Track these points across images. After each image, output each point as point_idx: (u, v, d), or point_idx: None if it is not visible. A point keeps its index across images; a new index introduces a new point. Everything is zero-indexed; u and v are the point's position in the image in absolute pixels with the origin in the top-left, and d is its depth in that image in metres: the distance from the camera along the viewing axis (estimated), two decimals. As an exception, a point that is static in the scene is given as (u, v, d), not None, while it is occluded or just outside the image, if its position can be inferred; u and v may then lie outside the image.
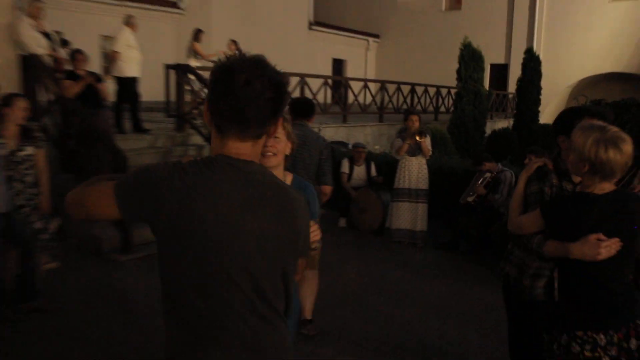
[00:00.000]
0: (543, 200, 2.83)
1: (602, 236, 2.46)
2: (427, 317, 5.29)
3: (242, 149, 1.69)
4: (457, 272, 6.67)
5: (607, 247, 2.44)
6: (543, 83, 16.72)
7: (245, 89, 1.62)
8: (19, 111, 4.89)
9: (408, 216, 7.71)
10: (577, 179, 2.77)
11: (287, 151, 2.63)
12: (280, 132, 2.57)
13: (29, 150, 5.05)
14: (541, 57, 17.21)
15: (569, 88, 21.62)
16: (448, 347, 4.68)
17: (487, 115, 15.04)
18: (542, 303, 2.91)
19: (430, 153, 7.74)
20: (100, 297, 5.46)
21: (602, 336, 2.48)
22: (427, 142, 7.57)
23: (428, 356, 4.52)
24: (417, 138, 7.45)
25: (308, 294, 4.57)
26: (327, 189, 4.76)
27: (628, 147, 2.44)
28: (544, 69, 16.92)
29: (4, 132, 4.93)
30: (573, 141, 2.54)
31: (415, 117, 7.64)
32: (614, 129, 2.49)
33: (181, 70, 9.90)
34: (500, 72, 23.74)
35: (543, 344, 2.74)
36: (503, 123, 18.54)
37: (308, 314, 4.63)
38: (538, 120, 16.67)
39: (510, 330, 3.31)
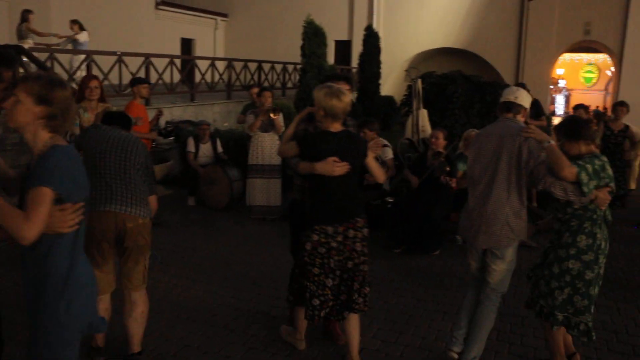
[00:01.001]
0: (304, 135, 3.90)
1: (337, 159, 3.61)
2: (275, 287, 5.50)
3: None
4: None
5: (340, 167, 3.62)
6: (383, 57, 17.55)
7: None
8: None
9: (263, 192, 7.85)
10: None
11: (35, 114, 2.43)
12: (23, 97, 2.41)
13: None
14: (381, 34, 18.03)
15: (407, 62, 22.71)
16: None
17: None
18: None
19: (283, 129, 7.90)
20: None
21: (330, 228, 3.72)
22: (280, 119, 7.74)
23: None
24: (272, 115, 7.56)
25: (137, 323, 3.86)
26: (153, 200, 4.00)
27: (346, 98, 3.65)
28: (384, 44, 17.77)
29: None
30: (314, 96, 3.72)
31: (268, 94, 7.81)
32: (337, 86, 3.72)
33: (14, 51, 9.26)
34: (343, 48, 24.47)
35: None
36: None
37: (136, 347, 3.89)
38: (379, 93, 17.55)
39: (292, 238, 4.40)
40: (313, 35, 14.22)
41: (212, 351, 4.20)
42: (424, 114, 9.33)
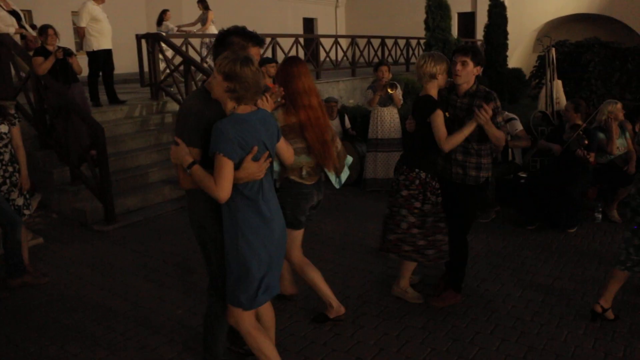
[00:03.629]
0: None
1: None
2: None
3: None
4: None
5: None
6: (510, 28, 16.81)
7: None
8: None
9: (382, 165, 7.94)
10: None
11: (223, 88, 2.83)
12: (216, 74, 2.82)
13: (3, 128, 5.07)
14: (506, 3, 17.31)
15: (535, 31, 21.78)
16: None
17: (456, 62, 15.12)
18: None
19: (402, 102, 7.91)
20: (88, 266, 5.63)
21: None
22: (398, 93, 7.75)
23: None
24: (389, 90, 7.60)
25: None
26: None
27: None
28: (510, 14, 17.00)
29: (-24, 112, 5.01)
30: None
31: (385, 68, 7.81)
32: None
33: (152, 39, 9.88)
34: (467, 20, 23.80)
35: None
36: (474, 69, 18.66)
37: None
38: (506, 65, 16.87)
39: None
40: (436, 8, 13.97)
41: (346, 320, 4.34)
42: (558, 85, 8.90)
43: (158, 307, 4.66)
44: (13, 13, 8.36)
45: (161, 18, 13.08)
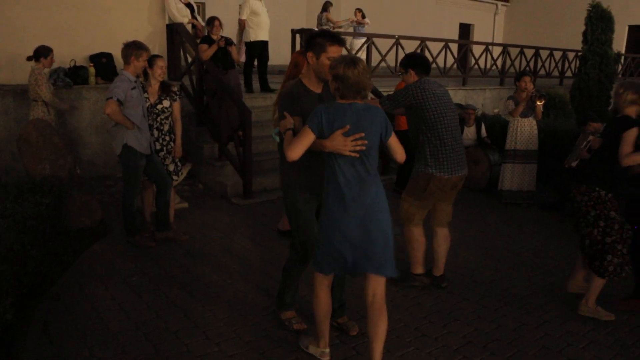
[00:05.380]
0: None
1: None
2: (510, 269, 5.64)
3: None
4: (560, 232, 6.77)
5: None
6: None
7: None
8: (158, 69, 5.75)
9: (518, 177, 7.86)
10: None
11: (333, 86, 3.42)
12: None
13: (166, 103, 5.90)
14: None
15: None
16: (532, 298, 5.04)
17: (614, 79, 14.24)
18: None
19: (542, 114, 7.84)
20: (221, 232, 6.35)
21: None
22: (541, 106, 7.71)
23: (509, 303, 4.92)
24: (537, 102, 7.53)
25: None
26: None
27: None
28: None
29: (147, 88, 5.83)
30: None
31: (527, 79, 7.70)
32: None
33: (306, 34, 10.49)
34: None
35: None
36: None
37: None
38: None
39: None
40: (597, 19, 13.20)
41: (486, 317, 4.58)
42: None
43: (273, 271, 5.21)
44: (188, 5, 9.37)
45: (324, 9, 13.34)
